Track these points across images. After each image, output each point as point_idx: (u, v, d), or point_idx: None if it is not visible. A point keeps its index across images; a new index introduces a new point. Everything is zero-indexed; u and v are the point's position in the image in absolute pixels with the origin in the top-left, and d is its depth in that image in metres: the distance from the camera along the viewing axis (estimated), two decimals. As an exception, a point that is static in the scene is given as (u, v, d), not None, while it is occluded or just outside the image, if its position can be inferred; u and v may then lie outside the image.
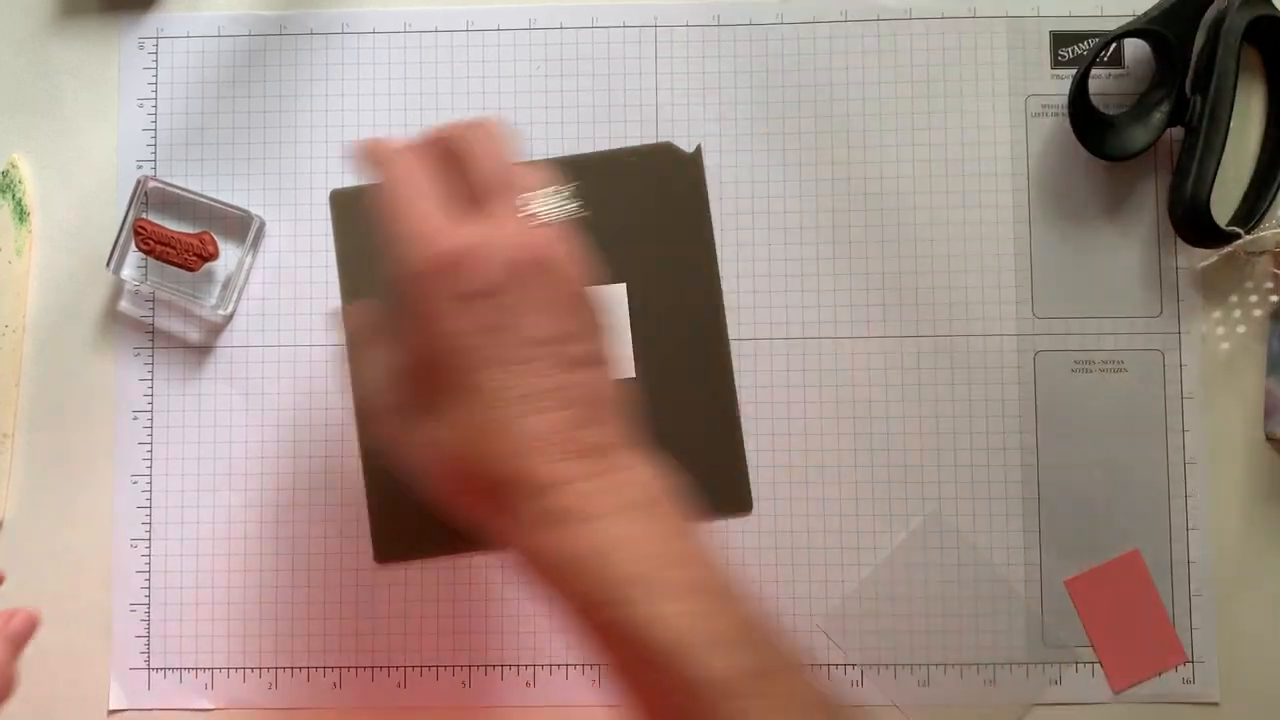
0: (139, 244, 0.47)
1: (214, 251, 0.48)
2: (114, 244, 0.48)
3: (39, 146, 0.49)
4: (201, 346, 0.49)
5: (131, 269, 0.49)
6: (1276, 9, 0.46)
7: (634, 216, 0.49)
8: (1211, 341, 0.48)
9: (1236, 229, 0.46)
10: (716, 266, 0.48)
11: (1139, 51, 0.48)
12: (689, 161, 0.49)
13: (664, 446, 0.47)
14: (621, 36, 0.49)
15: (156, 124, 0.49)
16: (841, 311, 0.48)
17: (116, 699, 0.48)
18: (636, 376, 0.48)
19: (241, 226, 0.49)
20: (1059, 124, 0.48)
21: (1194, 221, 0.46)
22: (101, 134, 0.49)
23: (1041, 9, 0.49)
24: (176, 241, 0.47)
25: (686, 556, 0.33)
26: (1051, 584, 0.47)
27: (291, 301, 0.49)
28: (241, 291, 0.49)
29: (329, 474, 0.48)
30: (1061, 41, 0.49)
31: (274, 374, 0.48)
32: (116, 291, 0.49)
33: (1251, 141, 0.48)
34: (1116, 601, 0.47)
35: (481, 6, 0.49)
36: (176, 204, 0.49)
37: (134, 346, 0.49)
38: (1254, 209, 0.47)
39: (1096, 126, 0.47)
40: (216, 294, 0.49)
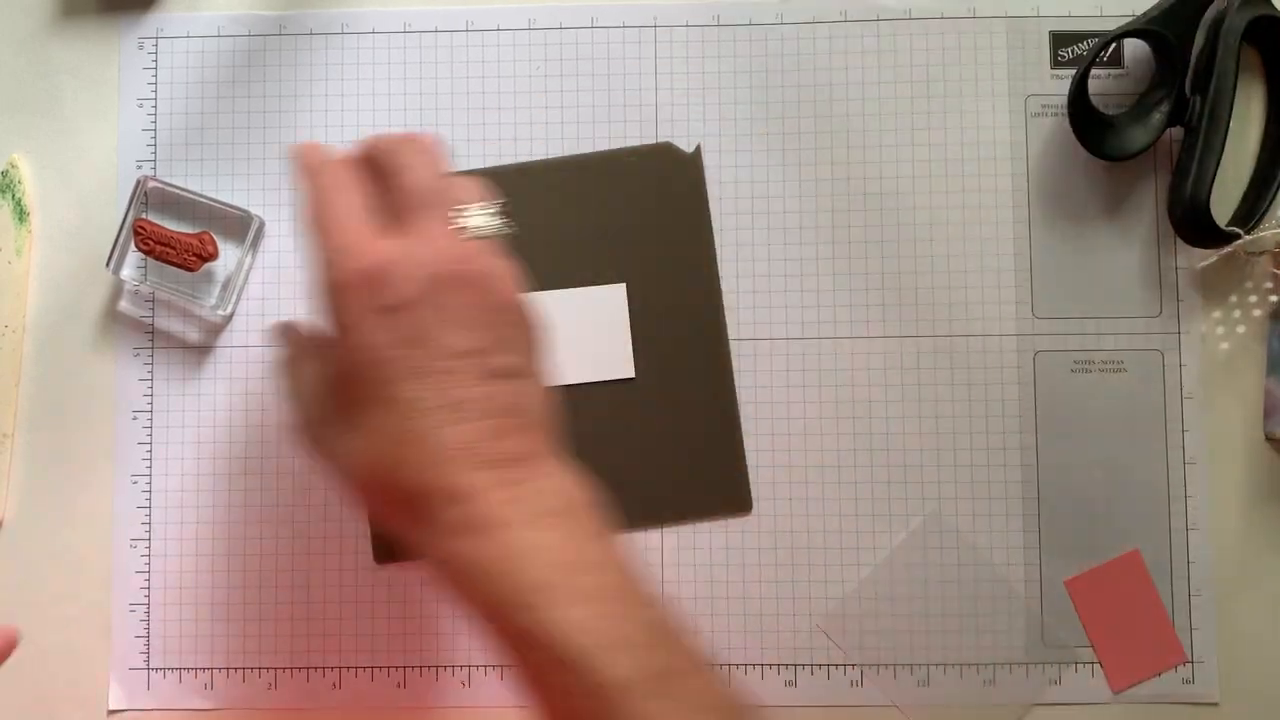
0: (139, 244, 0.47)
1: (214, 252, 0.48)
2: (114, 244, 0.48)
3: (39, 146, 0.49)
4: (201, 346, 0.49)
5: (131, 269, 0.49)
6: (1276, 9, 0.46)
7: (634, 216, 0.49)
8: (1211, 341, 0.48)
9: (1236, 229, 0.46)
10: (716, 266, 0.48)
11: (1139, 51, 0.48)
12: (689, 161, 0.49)
13: (664, 446, 0.48)
14: (621, 36, 0.49)
15: (156, 124, 0.49)
16: (841, 311, 0.48)
17: (116, 699, 0.48)
18: (636, 376, 0.48)
19: (241, 226, 0.49)
20: (1059, 124, 0.48)
21: (1194, 221, 0.46)
22: (101, 134, 0.49)
23: (1041, 9, 0.49)
24: (176, 241, 0.47)
25: (596, 563, 0.34)
26: (1051, 584, 0.47)
27: (291, 302, 0.49)
28: (241, 292, 0.49)
29: (329, 474, 0.48)
30: (1061, 41, 0.49)
31: (274, 374, 0.48)
32: (116, 291, 0.49)
33: (1251, 141, 0.48)
34: (1116, 601, 0.47)
35: (481, 6, 0.49)
36: (176, 204, 0.49)
37: (134, 346, 0.49)
38: (1254, 209, 0.47)
39: (1096, 126, 0.47)
40: (216, 294, 0.49)
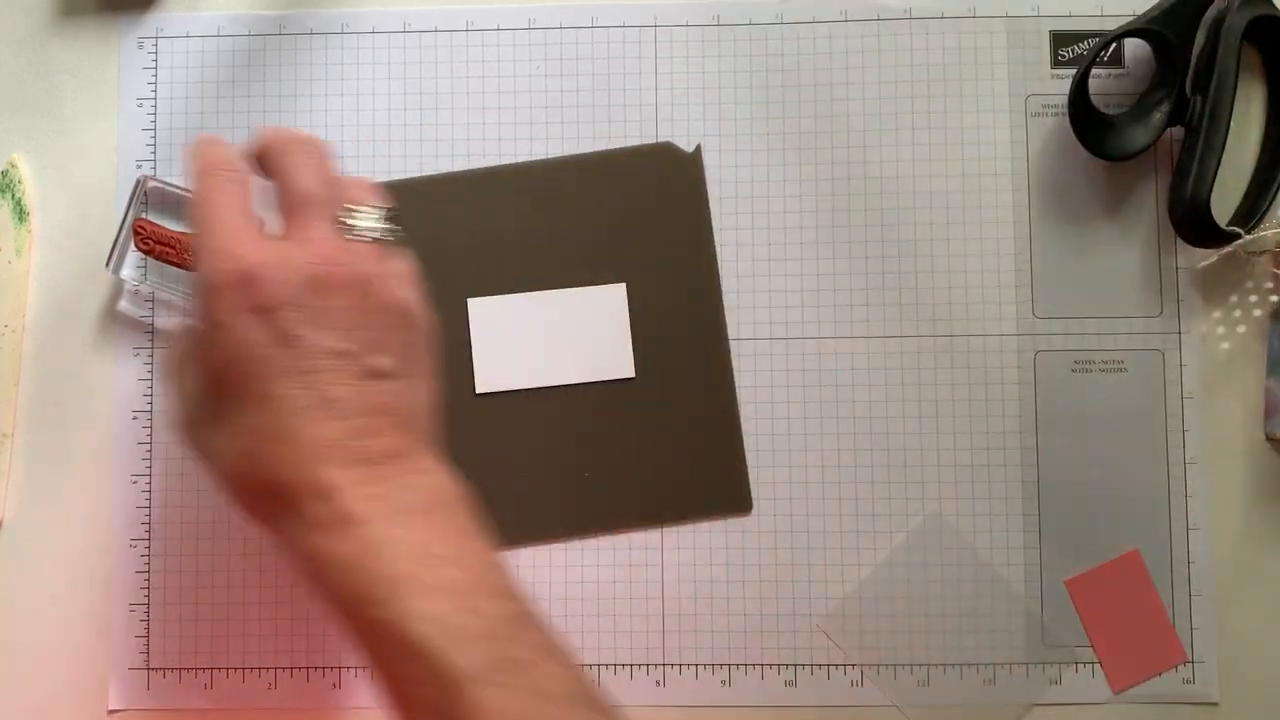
0: (139, 244, 0.47)
1: (214, 251, 0.48)
2: (114, 244, 0.48)
3: (39, 146, 0.49)
4: (201, 346, 0.49)
5: (131, 269, 0.49)
6: (1276, 9, 0.46)
7: (634, 216, 0.49)
8: (1211, 341, 0.48)
9: (1236, 229, 0.46)
10: (716, 266, 0.48)
11: (1139, 51, 0.48)
12: (689, 161, 0.49)
13: (664, 446, 0.48)
14: (621, 36, 0.49)
15: (156, 124, 0.49)
16: (841, 311, 0.48)
17: (116, 699, 0.48)
18: (636, 376, 0.48)
19: (241, 226, 0.48)
20: (1059, 124, 0.48)
21: (1194, 221, 0.46)
22: (101, 134, 0.49)
23: (1041, 9, 0.49)
24: (176, 241, 0.47)
25: (453, 559, 0.35)
26: (1051, 584, 0.47)
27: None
28: (241, 291, 0.49)
29: (329, 474, 0.48)
30: (1061, 41, 0.49)
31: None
32: (116, 291, 0.49)
33: (1251, 141, 0.48)
34: (1116, 601, 0.47)
35: (481, 6, 0.49)
36: (176, 204, 0.49)
37: (133, 346, 0.49)
38: (1254, 209, 0.47)
39: (1096, 126, 0.47)
40: (216, 294, 0.49)
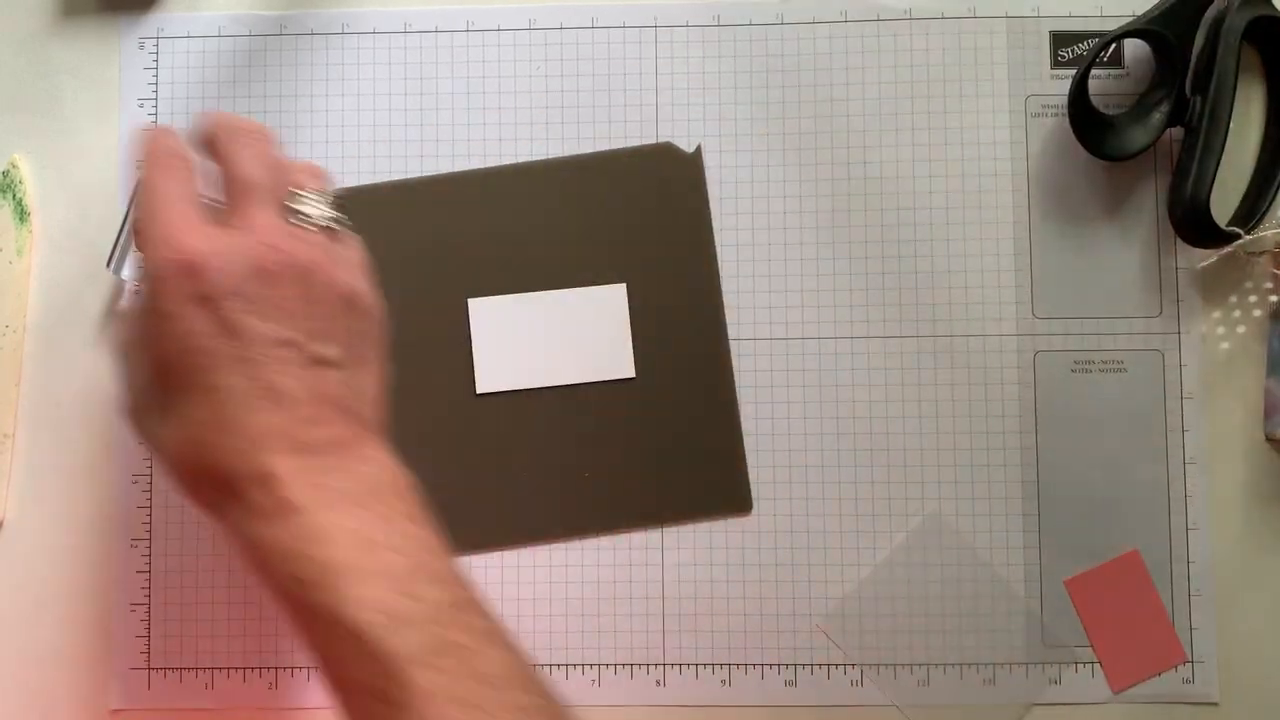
0: (139, 244, 0.47)
1: (214, 251, 0.48)
2: (114, 244, 0.48)
3: (39, 146, 0.49)
4: (201, 346, 0.49)
5: (131, 269, 0.48)
6: (1276, 9, 0.46)
7: (634, 216, 0.49)
8: (1211, 341, 0.48)
9: (1236, 229, 0.46)
10: (716, 266, 0.48)
11: (1139, 51, 0.48)
12: (689, 161, 0.49)
13: (664, 446, 0.48)
14: (621, 36, 0.49)
15: (157, 124, 0.49)
16: (841, 311, 0.48)
17: (117, 699, 0.48)
18: (636, 376, 0.48)
19: (241, 226, 0.48)
20: (1059, 124, 0.48)
21: (1194, 221, 0.46)
22: (101, 134, 0.49)
23: (1041, 9, 0.49)
24: (176, 241, 0.47)
25: (395, 545, 0.35)
26: (1051, 584, 0.47)
27: (291, 301, 0.49)
28: (241, 291, 0.49)
29: (329, 474, 0.48)
30: (1061, 41, 0.49)
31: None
32: (117, 291, 0.49)
33: (1251, 141, 0.48)
34: (1116, 601, 0.47)
35: (481, 6, 0.49)
36: (176, 204, 0.49)
37: (134, 346, 0.49)
38: (1254, 209, 0.47)
39: (1096, 126, 0.47)
40: (216, 294, 0.48)
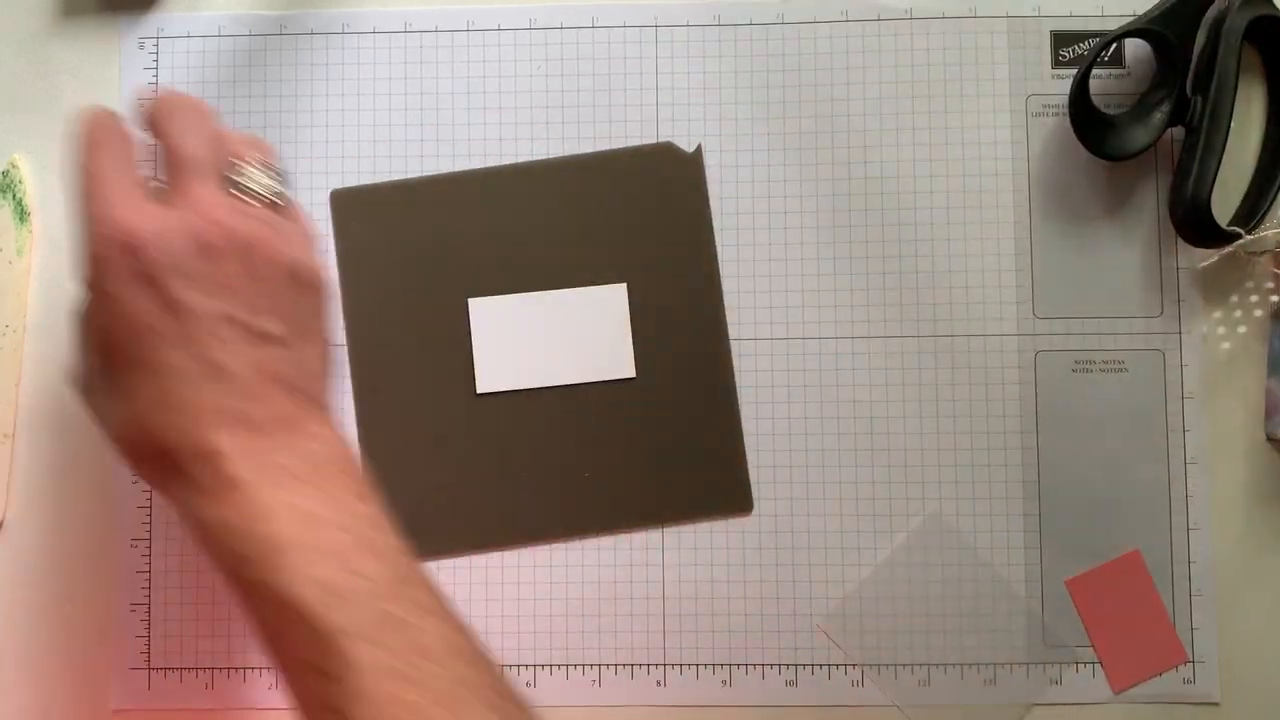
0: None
1: (214, 251, 0.48)
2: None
3: (39, 146, 0.49)
4: (201, 346, 0.49)
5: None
6: (1277, 9, 0.46)
7: (634, 216, 0.49)
8: (1212, 341, 0.48)
9: (1237, 229, 0.46)
10: (717, 266, 0.48)
11: (1139, 51, 0.48)
12: (689, 161, 0.49)
13: (664, 446, 0.48)
14: (622, 36, 0.49)
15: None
16: (842, 311, 0.48)
17: (117, 699, 0.48)
18: (636, 376, 0.48)
19: (241, 226, 0.48)
20: (1059, 124, 0.48)
21: (1194, 221, 0.46)
22: (102, 134, 0.49)
23: (1042, 9, 0.49)
24: (176, 241, 0.47)
25: (337, 521, 0.35)
26: (1051, 584, 0.47)
27: (291, 301, 0.49)
28: (241, 291, 0.49)
29: (329, 474, 0.48)
30: (1062, 41, 0.49)
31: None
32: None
33: (1252, 141, 0.48)
34: (1117, 601, 0.47)
35: (481, 6, 0.49)
36: (176, 204, 0.49)
37: (134, 346, 0.49)
38: (1255, 209, 0.47)
39: (1097, 126, 0.47)
40: (216, 294, 0.48)
